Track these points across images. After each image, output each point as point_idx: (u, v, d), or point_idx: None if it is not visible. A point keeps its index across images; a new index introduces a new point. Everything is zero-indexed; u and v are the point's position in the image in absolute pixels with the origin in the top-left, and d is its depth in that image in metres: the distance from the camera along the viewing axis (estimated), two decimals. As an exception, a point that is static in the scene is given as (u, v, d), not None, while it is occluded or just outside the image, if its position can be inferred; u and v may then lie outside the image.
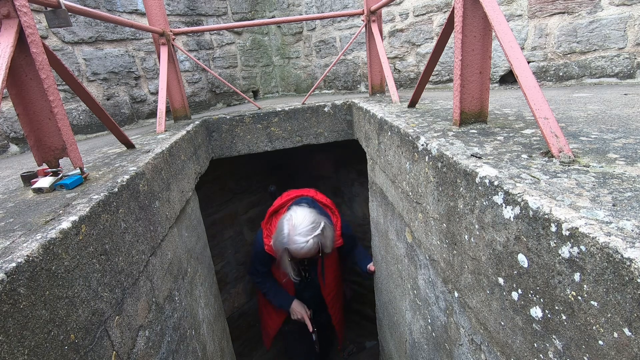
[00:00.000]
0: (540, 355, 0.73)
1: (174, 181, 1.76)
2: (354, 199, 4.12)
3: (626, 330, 0.53)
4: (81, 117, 3.28)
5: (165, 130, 2.33)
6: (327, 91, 4.88)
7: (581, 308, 0.61)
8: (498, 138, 1.16)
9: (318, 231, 2.26)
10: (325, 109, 2.82)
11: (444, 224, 1.12)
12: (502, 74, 3.31)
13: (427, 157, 1.21)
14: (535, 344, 0.74)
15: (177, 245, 1.74)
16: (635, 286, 0.50)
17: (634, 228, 0.57)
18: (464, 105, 1.33)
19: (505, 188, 0.78)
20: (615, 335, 0.55)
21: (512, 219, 0.76)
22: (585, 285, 0.59)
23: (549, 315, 0.69)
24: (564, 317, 0.65)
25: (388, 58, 3.10)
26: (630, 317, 0.52)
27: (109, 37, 3.48)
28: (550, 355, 0.70)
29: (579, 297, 0.61)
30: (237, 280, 3.96)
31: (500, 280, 0.83)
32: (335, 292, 2.94)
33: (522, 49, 3.08)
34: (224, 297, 3.73)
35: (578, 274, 0.60)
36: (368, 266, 2.70)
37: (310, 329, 2.62)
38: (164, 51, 2.58)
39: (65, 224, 0.87)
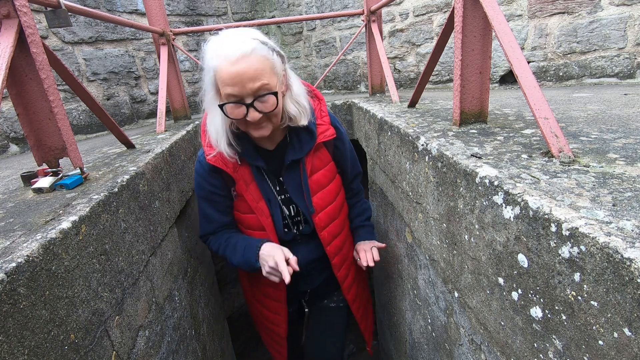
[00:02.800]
0: (540, 355, 0.73)
1: (174, 181, 1.76)
2: (354, 199, 4.11)
3: (626, 330, 0.53)
4: (81, 117, 3.28)
5: (165, 130, 2.33)
6: (327, 91, 4.88)
7: (581, 308, 0.61)
8: (498, 138, 1.16)
9: (264, 39, 1.17)
10: (325, 109, 2.81)
11: (444, 224, 1.12)
12: (502, 74, 3.31)
13: (427, 157, 1.21)
14: (535, 344, 0.74)
15: (177, 245, 1.74)
16: (635, 286, 0.50)
17: (634, 228, 0.57)
18: (464, 105, 1.33)
19: (505, 188, 0.78)
20: (615, 335, 0.55)
21: (512, 219, 0.76)
22: (585, 285, 0.59)
23: (549, 315, 0.69)
24: (564, 317, 0.65)
25: (388, 58, 3.10)
26: (630, 317, 0.52)
27: (109, 37, 3.48)
28: (550, 355, 0.70)
29: (579, 297, 0.61)
30: (237, 280, 3.96)
31: (500, 280, 0.83)
32: (343, 235, 1.61)
33: (522, 49, 3.08)
34: (224, 297, 3.73)
35: (578, 274, 0.60)
36: (360, 244, 1.63)
37: (287, 278, 1.25)
38: (164, 51, 2.58)
39: (65, 224, 0.87)
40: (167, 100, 2.53)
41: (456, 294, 1.12)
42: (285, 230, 1.49)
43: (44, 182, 1.18)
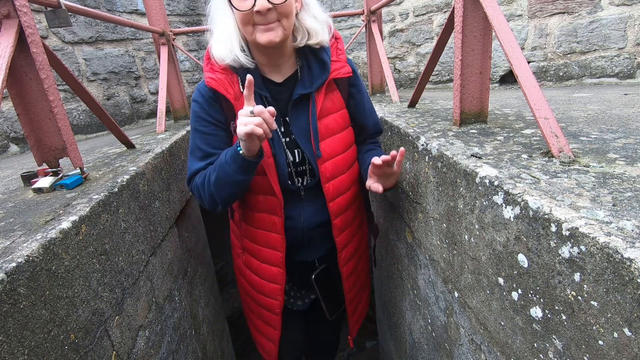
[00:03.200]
0: (540, 355, 0.73)
1: (174, 181, 1.76)
2: (354, 199, 4.11)
3: (626, 330, 0.53)
4: (81, 117, 3.28)
5: (166, 130, 2.33)
6: (327, 91, 4.87)
7: (581, 308, 0.61)
8: (498, 138, 1.16)
9: None
10: (325, 109, 2.81)
11: (444, 224, 1.12)
12: (502, 74, 3.31)
13: (427, 157, 1.21)
14: (535, 344, 0.74)
15: (177, 245, 1.74)
16: (635, 286, 0.50)
17: (634, 228, 0.57)
18: (464, 105, 1.33)
19: (505, 188, 0.78)
20: (615, 335, 0.55)
21: (512, 219, 0.76)
22: (585, 285, 0.59)
23: (549, 315, 0.69)
24: (564, 317, 0.65)
25: (388, 58, 3.10)
26: (630, 317, 0.52)
27: (109, 37, 3.48)
28: (550, 355, 0.70)
29: (579, 297, 0.61)
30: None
31: (500, 280, 0.83)
32: (349, 200, 1.43)
33: (522, 49, 3.08)
34: (224, 297, 3.72)
35: (578, 274, 0.60)
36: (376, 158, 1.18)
37: (272, 110, 1.01)
38: (164, 51, 2.58)
39: (65, 224, 0.87)
40: (167, 100, 2.53)
41: (456, 294, 1.12)
42: (289, 181, 1.31)
43: (44, 182, 1.18)
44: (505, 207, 0.78)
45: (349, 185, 1.42)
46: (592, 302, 0.58)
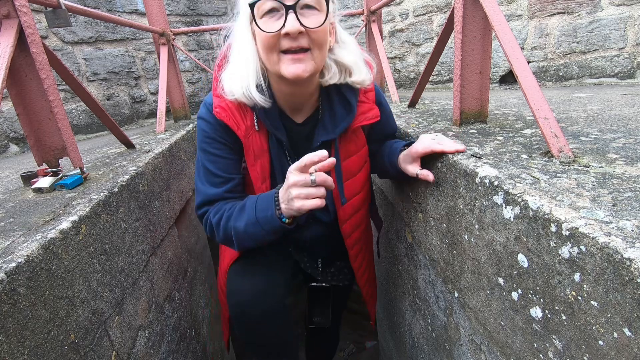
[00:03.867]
0: (540, 355, 0.73)
1: (174, 181, 1.76)
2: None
3: (626, 330, 0.53)
4: (81, 117, 3.28)
5: (165, 130, 2.33)
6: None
7: (581, 308, 0.61)
8: (498, 138, 1.16)
9: None
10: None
11: (444, 224, 1.12)
12: (502, 74, 3.31)
13: (427, 157, 1.21)
14: (535, 344, 0.74)
15: (177, 245, 1.74)
16: (635, 286, 0.50)
17: (634, 228, 0.57)
18: (464, 105, 1.33)
19: (505, 188, 0.78)
20: (615, 335, 0.55)
21: (512, 219, 0.76)
22: (585, 285, 0.59)
23: (549, 315, 0.69)
24: (564, 317, 0.65)
25: (388, 58, 3.11)
26: (630, 317, 0.52)
27: (109, 37, 3.48)
28: (550, 355, 0.70)
29: (579, 297, 0.61)
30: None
31: (500, 280, 0.83)
32: (363, 226, 1.36)
33: (522, 49, 3.08)
34: (224, 297, 3.72)
35: (578, 274, 0.60)
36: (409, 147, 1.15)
37: (331, 185, 0.94)
38: (164, 51, 2.58)
39: (65, 224, 0.87)
40: (167, 100, 2.53)
41: (456, 294, 1.12)
42: None
43: (44, 182, 1.18)
44: (505, 207, 0.78)
45: (363, 219, 1.33)
46: (592, 302, 0.58)
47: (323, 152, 0.91)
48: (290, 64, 0.92)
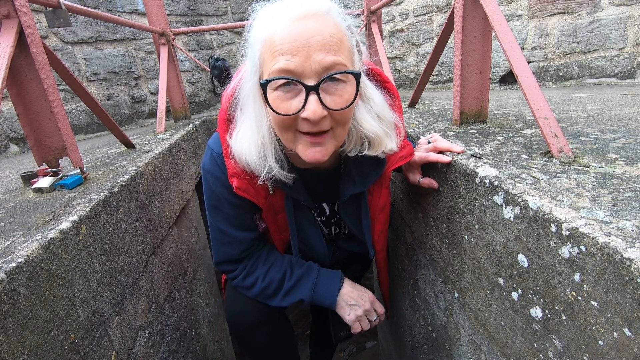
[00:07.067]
0: (540, 355, 0.73)
1: (174, 181, 1.76)
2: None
3: (626, 330, 0.53)
4: (81, 117, 3.28)
5: (165, 130, 2.33)
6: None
7: (581, 308, 0.61)
8: (498, 138, 1.16)
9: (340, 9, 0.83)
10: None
11: (444, 224, 1.12)
12: (502, 74, 3.31)
13: (427, 157, 1.21)
14: (535, 344, 0.74)
15: (177, 245, 1.74)
16: (635, 286, 0.50)
17: (634, 228, 0.57)
18: (464, 105, 1.33)
19: (505, 188, 0.78)
20: (615, 335, 0.55)
21: (512, 219, 0.76)
22: (585, 285, 0.59)
23: (549, 315, 0.69)
24: (564, 317, 0.65)
25: (388, 58, 3.10)
26: (630, 317, 0.52)
27: (109, 37, 3.48)
28: (550, 355, 0.70)
29: (579, 297, 0.61)
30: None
31: (500, 280, 0.83)
32: (384, 238, 1.28)
33: (522, 49, 3.08)
34: (224, 297, 3.72)
35: (578, 274, 0.60)
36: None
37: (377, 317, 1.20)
38: (164, 51, 2.58)
39: (65, 224, 0.87)
40: (167, 100, 2.53)
41: (456, 294, 1.12)
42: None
43: (44, 182, 1.18)
44: (505, 207, 0.78)
45: (386, 234, 1.29)
46: (592, 302, 0.58)
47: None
48: (308, 147, 0.80)
